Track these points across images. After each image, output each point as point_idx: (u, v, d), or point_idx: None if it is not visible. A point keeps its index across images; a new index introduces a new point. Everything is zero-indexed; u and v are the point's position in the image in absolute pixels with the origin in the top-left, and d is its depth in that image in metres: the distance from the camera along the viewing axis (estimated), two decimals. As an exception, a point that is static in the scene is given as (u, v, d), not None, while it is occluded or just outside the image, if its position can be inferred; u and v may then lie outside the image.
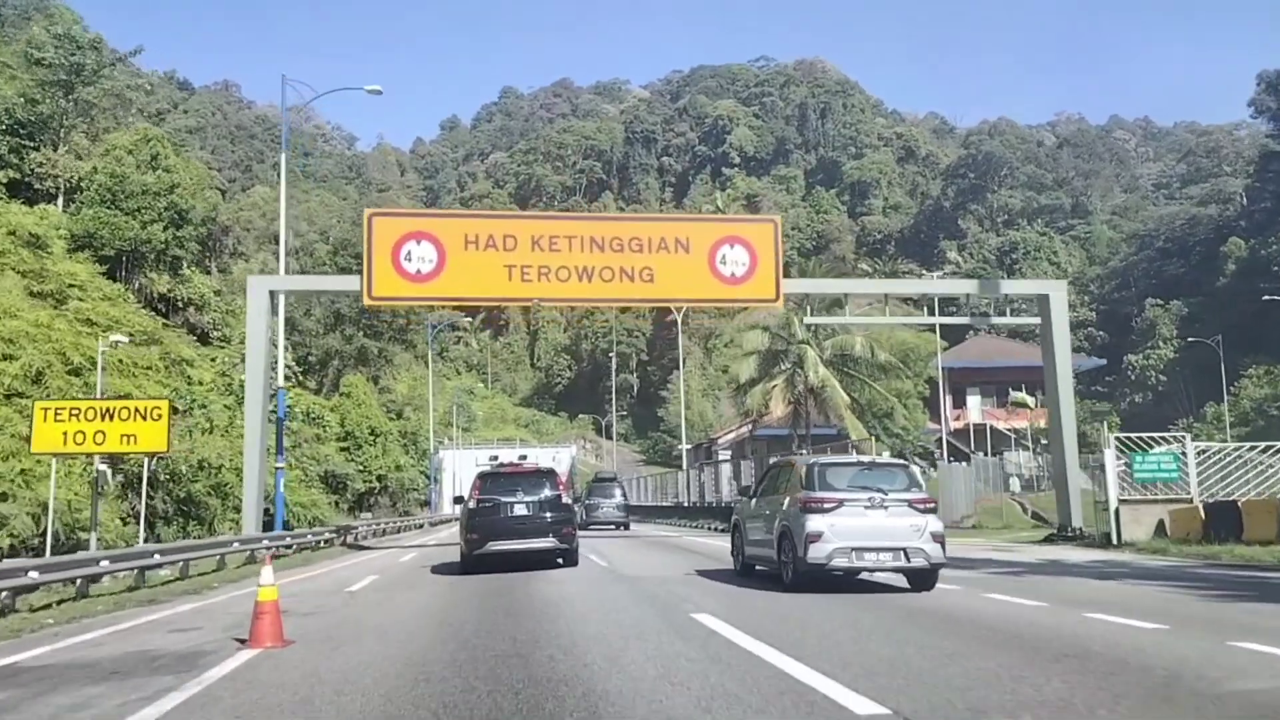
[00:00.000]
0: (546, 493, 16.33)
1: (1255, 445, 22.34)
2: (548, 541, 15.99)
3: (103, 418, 17.96)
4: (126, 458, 23.52)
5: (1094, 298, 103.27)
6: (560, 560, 16.34)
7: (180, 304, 45.85)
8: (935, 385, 52.63)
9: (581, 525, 28.29)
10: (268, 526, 26.60)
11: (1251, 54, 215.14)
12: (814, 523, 11.49)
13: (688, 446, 61.43)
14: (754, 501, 14.21)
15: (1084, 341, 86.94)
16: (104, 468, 19.35)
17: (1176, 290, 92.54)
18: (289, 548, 23.52)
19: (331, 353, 62.15)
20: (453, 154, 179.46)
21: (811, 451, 30.73)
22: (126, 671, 7.31)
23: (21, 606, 11.83)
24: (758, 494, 14.33)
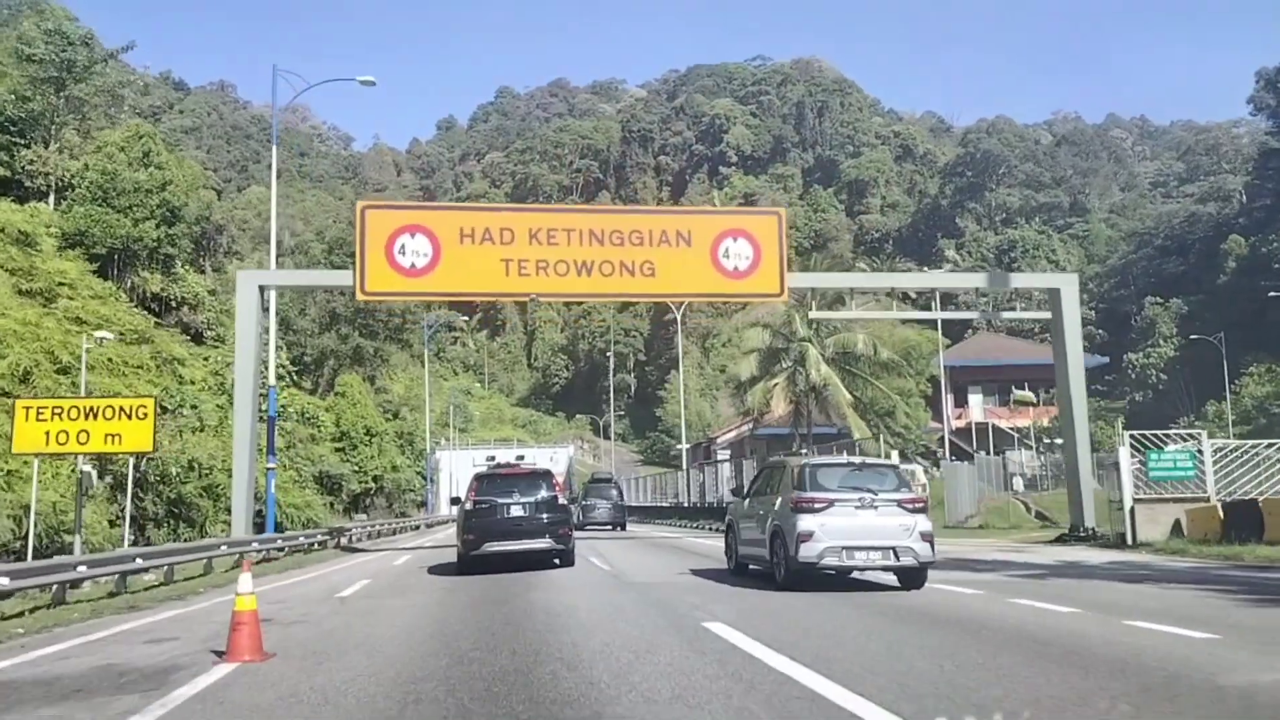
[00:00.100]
0: (543, 494, 16.33)
1: (1273, 443, 21.71)
2: (544, 542, 16.00)
3: (86, 417, 17.41)
4: (115, 458, 22.98)
5: (1093, 296, 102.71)
6: (557, 561, 16.32)
7: (174, 303, 45.17)
8: (937, 383, 52.06)
9: (578, 525, 28.42)
10: (260, 529, 26.09)
11: (1248, 52, 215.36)
12: (805, 522, 11.70)
13: (686, 446, 60.77)
14: (747, 502, 14.33)
15: (1084, 340, 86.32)
16: (88, 468, 18.77)
17: (1176, 288, 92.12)
18: (280, 550, 22.85)
19: (327, 352, 61.49)
20: (449, 154, 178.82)
21: (816, 451, 30.16)
22: (89, 689, 6.68)
23: (-8, 615, 11.22)
24: (751, 494, 14.42)
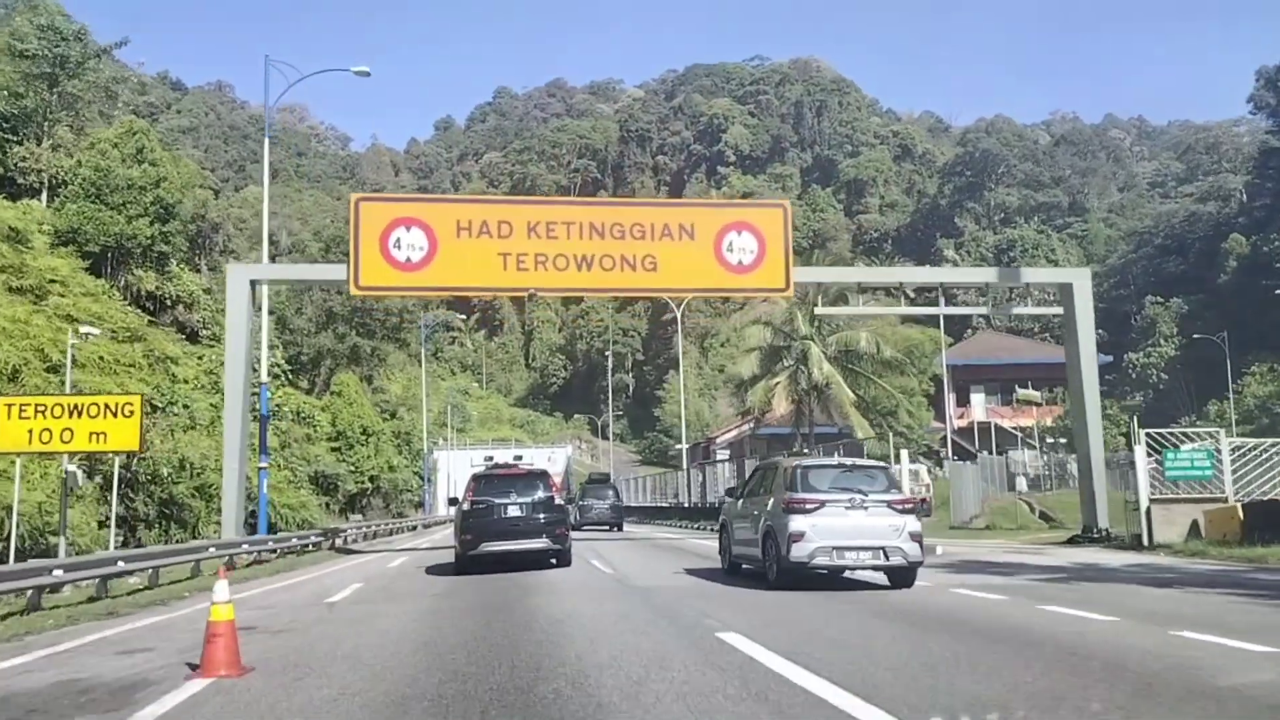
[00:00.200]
0: (540, 494, 16.49)
1: (1293, 441, 21.18)
2: (541, 542, 16.14)
3: (70, 414, 16.83)
4: (106, 457, 22.40)
5: (1093, 295, 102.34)
6: (554, 561, 16.44)
7: (169, 302, 44.61)
8: (939, 382, 51.52)
9: (575, 526, 28.39)
10: (254, 530, 25.54)
11: (1247, 52, 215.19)
12: (797, 523, 11.91)
13: (685, 446, 60.19)
14: (741, 502, 14.54)
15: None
16: (73, 468, 18.17)
17: (1176, 288, 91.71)
18: (272, 552, 22.25)
19: (323, 352, 60.84)
20: (447, 154, 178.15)
21: (821, 451, 29.60)
22: (45, 709, 6.10)
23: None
24: (744, 495, 14.61)
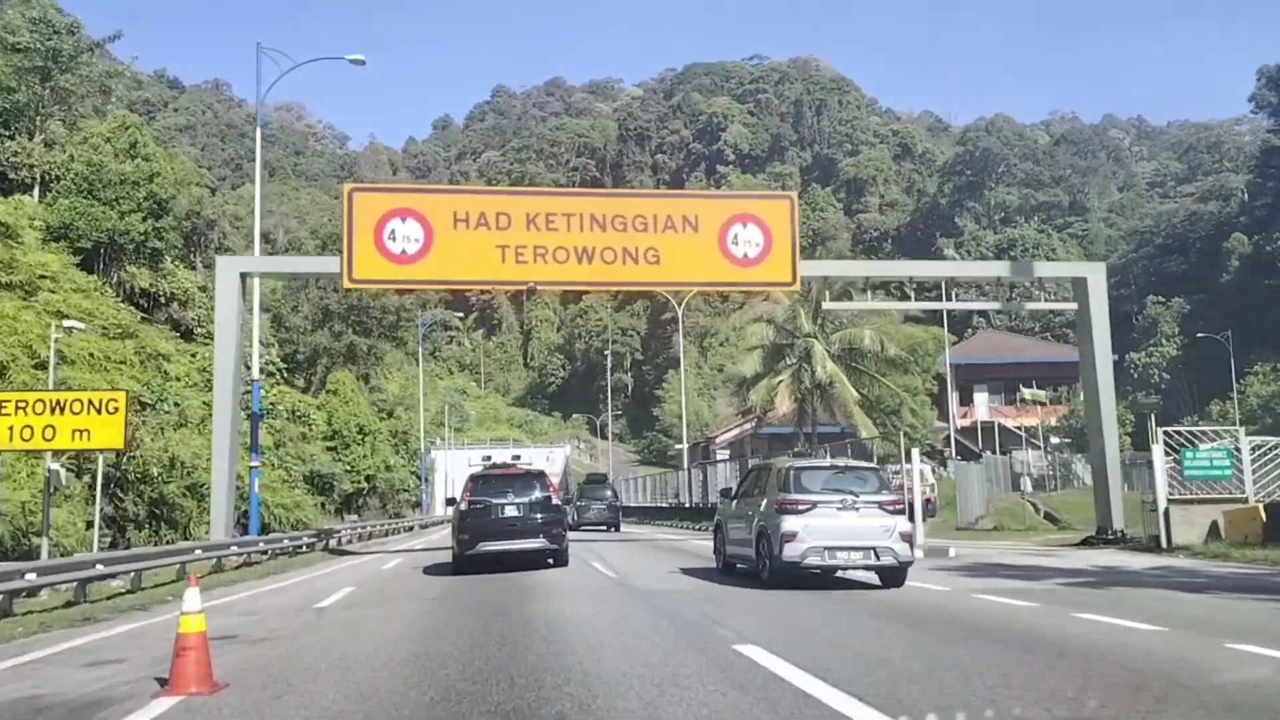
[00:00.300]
0: (537, 494, 16.55)
1: (1312, 440, 20.62)
2: (538, 542, 16.21)
3: (53, 411, 16.35)
4: (94, 455, 21.80)
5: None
6: (550, 560, 16.49)
7: (164, 299, 44.05)
8: (942, 381, 50.98)
9: (573, 526, 28.34)
10: (246, 530, 24.95)
11: (1244, 51, 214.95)
12: (789, 523, 12.13)
13: (686, 445, 59.59)
14: (735, 503, 14.71)
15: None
16: (56, 466, 17.60)
17: (1177, 287, 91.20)
18: (263, 554, 21.59)
19: (320, 350, 60.21)
20: (445, 153, 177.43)
21: (829, 451, 29.01)
22: (-7, 732, 5.53)
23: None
24: (739, 495, 14.80)
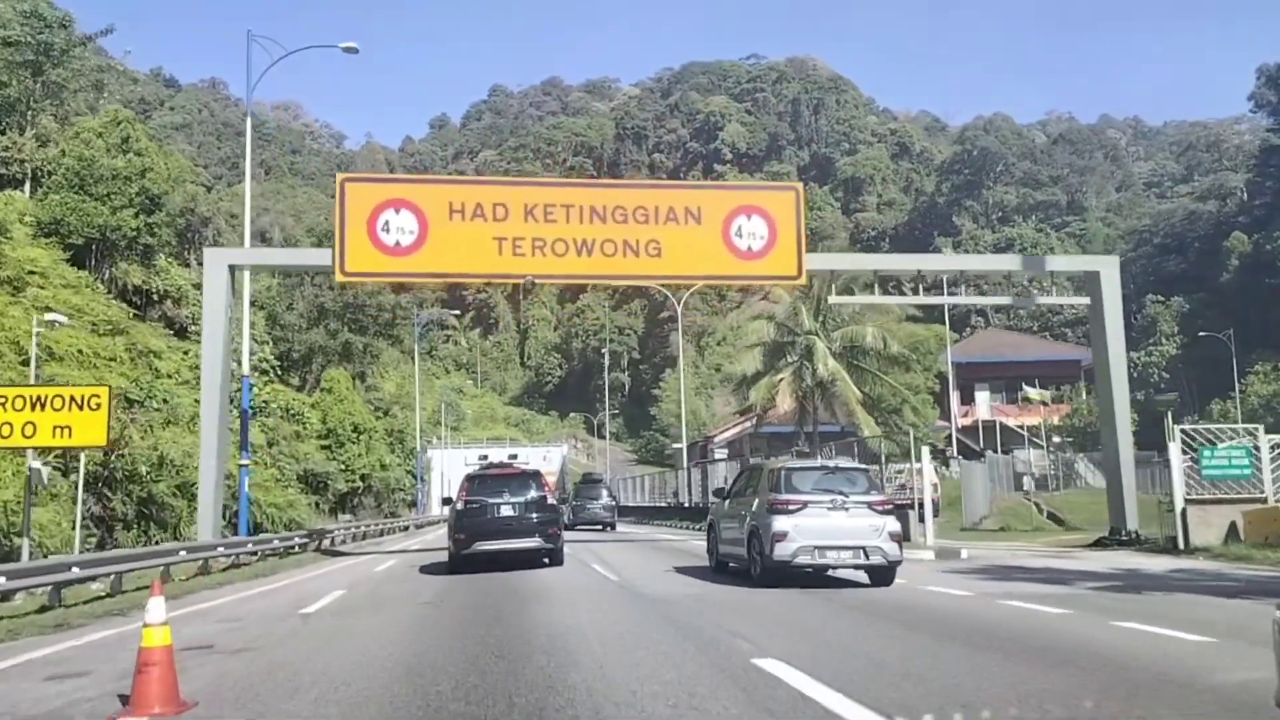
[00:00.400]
0: (532, 494, 16.63)
1: (1331, 438, 20.06)
2: (533, 541, 16.28)
3: (33, 407, 15.76)
4: (80, 453, 21.19)
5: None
6: (546, 560, 16.60)
7: (157, 297, 43.40)
8: (943, 380, 50.46)
9: (569, 525, 28.16)
10: (236, 530, 24.37)
11: (1242, 50, 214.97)
12: (780, 523, 12.29)
13: (684, 445, 59.01)
14: (728, 503, 14.93)
15: (1083, 339, 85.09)
16: (38, 464, 17.02)
17: (1176, 286, 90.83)
18: (252, 555, 20.98)
19: (315, 348, 59.49)
20: (442, 152, 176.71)
21: (834, 451, 28.49)
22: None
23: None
24: (731, 495, 15.01)
